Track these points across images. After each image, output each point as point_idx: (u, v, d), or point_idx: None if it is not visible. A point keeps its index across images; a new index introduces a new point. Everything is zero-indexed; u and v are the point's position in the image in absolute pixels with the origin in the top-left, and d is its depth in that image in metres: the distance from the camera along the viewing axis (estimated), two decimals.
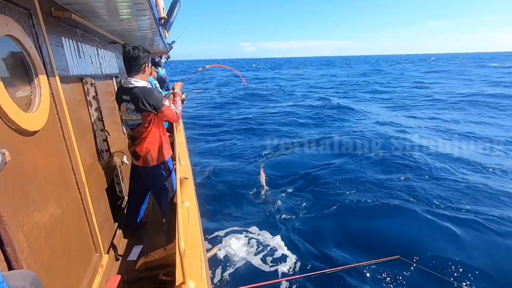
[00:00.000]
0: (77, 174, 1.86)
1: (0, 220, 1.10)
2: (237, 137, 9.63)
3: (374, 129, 9.59)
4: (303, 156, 7.43)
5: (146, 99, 2.24)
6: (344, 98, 17.95)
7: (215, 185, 5.93)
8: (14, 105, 1.23)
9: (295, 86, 25.96)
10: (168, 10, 3.45)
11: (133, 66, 2.29)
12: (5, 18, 1.25)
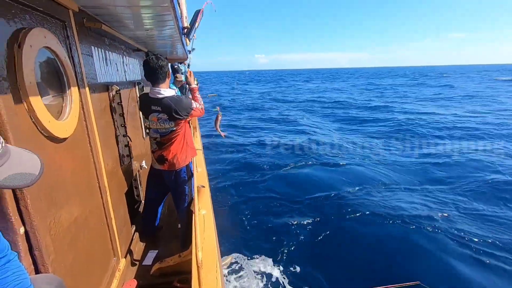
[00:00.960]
0: (100, 179, 1.92)
1: (31, 225, 1.14)
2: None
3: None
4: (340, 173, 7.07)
5: (178, 107, 2.34)
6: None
7: (230, 193, 5.96)
8: (47, 113, 1.29)
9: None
10: (191, 19, 3.54)
11: (160, 76, 2.35)
12: (43, 31, 1.32)
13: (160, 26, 2.71)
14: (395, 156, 8.32)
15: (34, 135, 1.22)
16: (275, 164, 7.71)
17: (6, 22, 1.10)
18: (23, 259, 1.12)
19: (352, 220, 4.91)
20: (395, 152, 8.70)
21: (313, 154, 8.48)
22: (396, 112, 16.35)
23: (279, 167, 7.46)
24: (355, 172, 6.97)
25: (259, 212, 5.23)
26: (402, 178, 6.68)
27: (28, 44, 1.17)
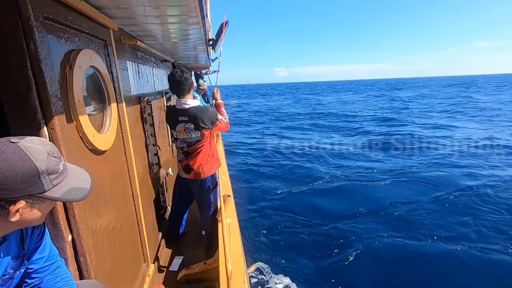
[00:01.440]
0: (133, 187, 2.01)
1: (77, 233, 1.22)
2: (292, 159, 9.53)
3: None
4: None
5: (204, 117, 2.43)
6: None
7: (253, 200, 5.99)
8: (92, 128, 1.38)
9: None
10: (217, 31, 3.65)
11: (185, 88, 2.46)
12: (90, 51, 1.42)
13: (188, 39, 2.82)
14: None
15: (81, 148, 1.31)
16: (304, 176, 7.68)
17: (60, 46, 1.20)
18: (69, 265, 1.20)
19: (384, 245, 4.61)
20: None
21: (344, 170, 8.27)
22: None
23: (307, 181, 7.38)
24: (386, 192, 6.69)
25: (282, 224, 5.21)
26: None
27: (78, 65, 1.27)
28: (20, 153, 0.71)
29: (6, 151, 0.70)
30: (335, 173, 7.95)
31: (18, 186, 0.70)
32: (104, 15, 1.63)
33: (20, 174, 0.70)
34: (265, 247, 4.41)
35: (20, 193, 0.71)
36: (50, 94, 1.06)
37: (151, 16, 1.86)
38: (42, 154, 0.74)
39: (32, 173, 0.71)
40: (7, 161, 0.69)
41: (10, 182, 0.69)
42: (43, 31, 1.05)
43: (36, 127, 1.05)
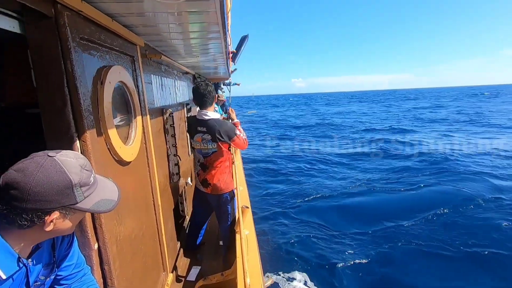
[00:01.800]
0: (155, 197, 2.06)
1: (103, 241, 1.27)
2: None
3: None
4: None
5: (221, 129, 2.48)
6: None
7: (270, 211, 5.95)
8: (119, 140, 1.45)
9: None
10: (238, 44, 3.74)
11: (208, 100, 2.54)
12: (119, 67, 1.50)
13: (210, 53, 2.91)
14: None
15: (108, 159, 1.38)
16: (321, 186, 7.57)
17: (93, 63, 1.28)
18: (94, 273, 1.25)
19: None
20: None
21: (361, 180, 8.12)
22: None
23: (325, 191, 7.28)
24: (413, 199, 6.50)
25: (299, 235, 5.13)
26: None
27: (108, 80, 1.34)
28: (57, 166, 0.76)
29: (44, 165, 0.74)
30: (355, 182, 7.83)
31: (54, 198, 0.75)
32: (132, 32, 1.73)
33: (56, 186, 0.74)
34: (282, 259, 4.35)
35: (55, 204, 0.76)
36: (83, 109, 1.13)
37: (175, 32, 1.95)
38: (76, 168, 0.79)
39: (66, 185, 0.76)
40: (45, 174, 0.73)
41: (47, 194, 0.73)
42: (79, 50, 1.13)
43: (70, 140, 1.12)
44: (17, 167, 0.74)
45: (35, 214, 0.75)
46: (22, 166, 0.74)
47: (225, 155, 2.58)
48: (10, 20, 1.01)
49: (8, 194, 0.72)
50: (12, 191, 0.72)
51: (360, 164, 9.77)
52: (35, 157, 0.76)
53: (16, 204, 0.72)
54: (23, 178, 0.72)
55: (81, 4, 1.12)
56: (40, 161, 0.75)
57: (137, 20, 1.57)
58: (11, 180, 0.72)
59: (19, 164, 0.74)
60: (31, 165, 0.73)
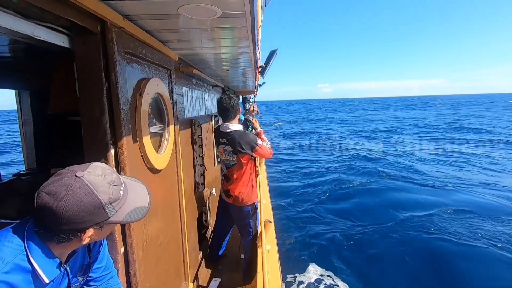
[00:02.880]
0: (181, 205, 2.10)
1: (130, 245, 1.31)
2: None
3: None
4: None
5: (242, 141, 2.49)
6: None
7: (294, 226, 5.85)
8: (152, 148, 1.51)
9: None
10: (266, 58, 3.81)
11: (231, 114, 2.60)
12: (157, 80, 1.59)
13: (239, 67, 2.99)
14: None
15: (141, 167, 1.44)
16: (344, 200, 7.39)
17: (134, 76, 1.37)
18: (120, 276, 1.28)
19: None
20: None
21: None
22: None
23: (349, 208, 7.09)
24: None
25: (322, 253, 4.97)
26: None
27: (146, 92, 1.42)
28: (85, 188, 0.78)
29: (73, 188, 0.77)
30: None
31: (86, 218, 0.78)
32: (168, 47, 1.82)
33: (87, 208, 0.78)
34: (303, 277, 4.20)
35: (88, 224, 0.80)
36: (122, 118, 1.20)
37: (207, 47, 2.03)
38: (104, 186, 0.81)
39: (97, 206, 0.79)
40: (75, 198, 0.76)
41: (79, 216, 0.77)
42: (123, 63, 1.22)
43: (105, 147, 1.18)
44: (48, 190, 0.76)
45: (71, 233, 0.79)
46: (53, 189, 0.76)
47: (247, 168, 2.59)
48: (60, 36, 1.11)
49: (43, 217, 0.77)
50: (46, 215, 0.76)
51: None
52: (64, 178, 0.78)
53: (52, 226, 0.77)
54: (55, 203, 0.75)
55: (123, 21, 1.21)
56: (69, 184, 0.77)
57: (172, 35, 1.65)
58: (44, 204, 0.75)
59: (50, 187, 0.77)
60: (61, 189, 0.76)
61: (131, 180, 0.97)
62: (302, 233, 5.66)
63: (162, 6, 1.17)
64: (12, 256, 0.75)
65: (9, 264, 0.74)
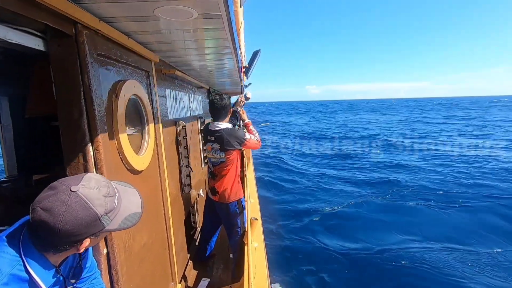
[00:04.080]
0: (165, 206, 2.11)
1: (112, 246, 1.31)
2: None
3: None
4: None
5: (231, 138, 2.54)
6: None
7: (282, 224, 5.89)
8: (131, 149, 1.52)
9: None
10: (250, 59, 3.84)
11: (222, 114, 2.64)
12: (134, 82, 1.60)
13: (222, 68, 3.01)
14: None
15: (120, 168, 1.44)
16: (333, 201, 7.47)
17: (109, 77, 1.37)
18: (103, 277, 1.29)
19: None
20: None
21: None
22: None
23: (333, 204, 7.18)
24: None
25: (310, 250, 5.04)
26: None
27: (123, 93, 1.43)
28: (81, 203, 0.79)
29: (70, 203, 0.78)
30: (365, 197, 7.65)
31: (83, 231, 0.80)
32: (148, 49, 1.83)
33: (84, 222, 0.79)
34: (292, 274, 4.25)
35: (85, 235, 0.82)
36: (97, 119, 1.21)
37: (190, 48, 2.04)
38: (99, 199, 0.83)
39: (93, 219, 0.81)
40: (72, 213, 0.77)
41: (76, 229, 0.78)
42: (96, 65, 1.22)
43: (84, 148, 1.19)
44: (43, 205, 0.77)
45: (68, 245, 0.81)
46: (49, 205, 0.77)
47: (233, 165, 2.64)
48: (35, 39, 1.11)
49: (40, 232, 0.78)
50: (43, 230, 0.77)
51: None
52: (59, 193, 0.78)
53: (49, 240, 0.79)
54: (52, 218, 0.76)
55: (99, 23, 1.22)
56: (64, 200, 0.78)
57: (152, 37, 1.66)
58: (40, 220, 0.76)
59: (45, 202, 0.77)
60: (57, 204, 0.77)
61: (122, 185, 0.97)
62: (291, 231, 5.71)
63: (137, 8, 1.18)
64: (10, 267, 0.76)
65: (7, 275, 0.75)
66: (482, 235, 5.36)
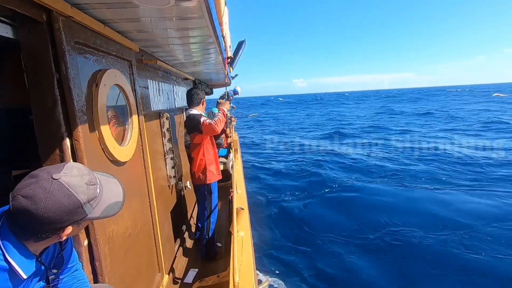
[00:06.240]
0: (151, 198, 2.10)
1: (94, 237, 1.31)
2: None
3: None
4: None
5: (190, 122, 2.80)
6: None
7: (270, 214, 5.96)
8: (113, 141, 1.50)
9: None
10: (235, 49, 3.80)
11: (191, 102, 2.92)
12: (115, 71, 1.56)
13: (206, 59, 2.98)
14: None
15: (102, 159, 1.42)
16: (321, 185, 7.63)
17: (88, 66, 1.34)
18: (85, 268, 1.28)
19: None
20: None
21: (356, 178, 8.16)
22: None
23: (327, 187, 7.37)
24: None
25: (300, 236, 5.13)
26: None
27: (103, 83, 1.40)
28: (64, 190, 0.79)
29: (52, 190, 0.77)
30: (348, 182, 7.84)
31: (66, 218, 0.80)
32: (127, 38, 1.79)
33: (67, 209, 0.79)
34: (280, 263, 4.33)
35: (67, 223, 0.81)
36: (76, 109, 1.18)
37: (172, 37, 2.00)
38: (82, 187, 0.82)
39: (76, 206, 0.80)
40: (54, 200, 0.77)
41: (59, 217, 0.78)
42: (73, 53, 1.19)
43: (60, 139, 1.16)
44: (25, 193, 0.76)
45: (50, 232, 0.80)
46: (30, 192, 0.76)
47: (200, 149, 2.82)
48: (3, 26, 1.07)
49: (21, 220, 0.77)
50: (25, 218, 0.76)
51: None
52: (41, 181, 0.78)
53: (30, 228, 0.78)
54: (34, 206, 0.75)
55: (72, 10, 1.18)
56: (46, 187, 0.77)
57: (130, 26, 1.63)
58: (22, 208, 0.75)
59: (26, 190, 0.76)
60: (39, 192, 0.76)
61: (104, 176, 0.97)
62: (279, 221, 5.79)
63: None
64: None
65: None
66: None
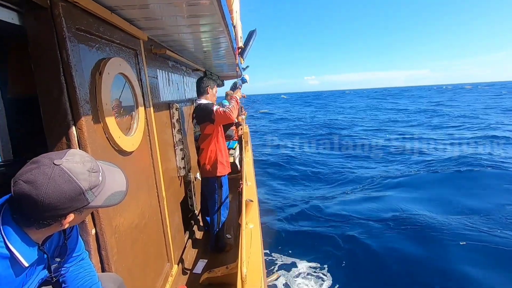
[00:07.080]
0: (159, 188, 2.10)
1: (100, 227, 1.30)
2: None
3: None
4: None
5: (201, 111, 2.67)
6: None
7: (281, 207, 5.93)
8: (118, 130, 1.48)
9: None
10: (245, 39, 3.72)
11: (200, 91, 2.81)
12: (119, 59, 1.54)
13: (217, 48, 2.93)
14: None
15: (107, 149, 1.41)
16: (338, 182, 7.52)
17: (91, 54, 1.32)
18: (92, 257, 1.28)
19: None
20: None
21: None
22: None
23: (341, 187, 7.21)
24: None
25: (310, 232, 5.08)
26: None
27: (107, 71, 1.37)
28: (65, 176, 0.77)
29: (53, 176, 0.76)
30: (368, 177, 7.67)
31: (67, 205, 0.78)
32: (135, 26, 1.76)
33: (68, 195, 0.77)
34: (291, 257, 4.31)
35: (69, 210, 0.80)
36: (79, 97, 1.17)
37: (181, 25, 1.96)
38: (84, 174, 0.81)
39: (77, 193, 0.79)
40: (55, 186, 0.76)
41: (60, 203, 0.77)
42: (75, 40, 1.17)
43: (66, 127, 1.15)
44: (26, 178, 0.75)
45: (51, 219, 0.79)
46: (31, 177, 0.75)
47: (212, 141, 2.72)
48: (9, 12, 1.05)
49: (22, 205, 0.76)
50: (26, 204, 0.75)
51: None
52: (42, 167, 0.76)
53: (31, 214, 0.77)
54: (35, 191, 0.74)
55: None
56: (48, 172, 0.76)
57: (138, 13, 1.59)
58: (23, 193, 0.74)
59: (28, 175, 0.75)
60: (40, 177, 0.75)
61: (107, 165, 0.96)
62: (287, 215, 5.75)
63: None
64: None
65: None
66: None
